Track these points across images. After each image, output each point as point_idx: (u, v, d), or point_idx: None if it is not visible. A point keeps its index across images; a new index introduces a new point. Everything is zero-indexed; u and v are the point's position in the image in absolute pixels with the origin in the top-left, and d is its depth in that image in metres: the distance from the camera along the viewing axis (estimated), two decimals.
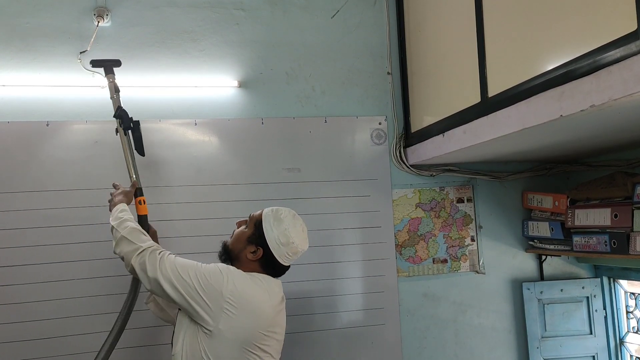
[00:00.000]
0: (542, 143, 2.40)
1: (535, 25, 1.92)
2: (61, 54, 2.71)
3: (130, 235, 1.97)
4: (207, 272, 1.88)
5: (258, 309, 1.89)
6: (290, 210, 2.05)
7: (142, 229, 2.07)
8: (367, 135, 3.04)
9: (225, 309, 1.82)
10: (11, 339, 2.56)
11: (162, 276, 1.85)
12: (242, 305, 1.85)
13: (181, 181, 2.78)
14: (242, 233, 2.02)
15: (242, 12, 2.95)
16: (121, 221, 2.03)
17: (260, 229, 1.97)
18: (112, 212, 2.12)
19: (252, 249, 1.97)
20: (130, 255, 1.93)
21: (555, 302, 3.10)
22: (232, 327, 1.84)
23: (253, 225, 2.00)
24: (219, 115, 2.87)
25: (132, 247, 1.94)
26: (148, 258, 1.90)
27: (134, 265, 1.91)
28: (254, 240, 1.97)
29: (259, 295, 1.91)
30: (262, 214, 2.01)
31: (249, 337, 1.87)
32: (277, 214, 2.00)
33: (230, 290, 1.84)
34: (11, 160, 2.62)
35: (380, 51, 3.11)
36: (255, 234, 1.98)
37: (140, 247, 1.93)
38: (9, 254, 2.58)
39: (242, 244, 1.99)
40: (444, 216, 3.11)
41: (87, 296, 2.64)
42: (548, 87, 1.81)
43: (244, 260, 1.98)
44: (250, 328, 1.87)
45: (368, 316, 2.95)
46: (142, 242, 1.96)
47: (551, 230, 2.96)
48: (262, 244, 1.96)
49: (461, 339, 3.09)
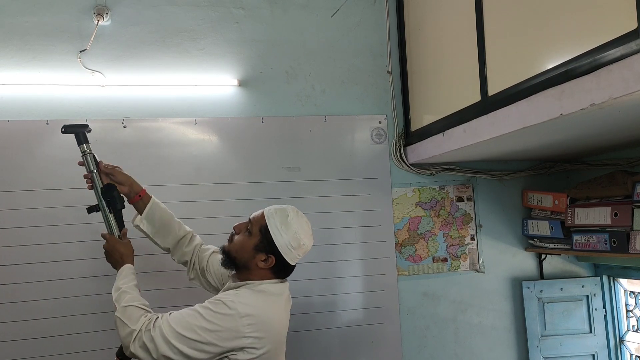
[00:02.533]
0: (542, 142, 2.40)
1: (536, 23, 1.92)
2: (61, 53, 2.71)
3: (124, 315, 1.81)
4: (216, 320, 1.73)
5: (277, 327, 1.83)
6: (293, 208, 1.93)
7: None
8: (367, 134, 3.04)
9: (248, 345, 1.74)
10: (9, 337, 2.56)
11: (169, 351, 1.71)
12: (263, 331, 1.77)
13: (181, 180, 2.78)
14: (247, 241, 1.88)
15: (242, 11, 2.95)
16: (118, 294, 1.90)
17: (269, 236, 1.85)
18: (118, 278, 1.98)
19: (263, 257, 1.85)
20: (125, 341, 1.77)
21: (555, 301, 3.10)
22: (260, 354, 1.77)
23: (258, 232, 1.86)
24: (219, 114, 2.87)
25: (126, 331, 1.77)
26: (145, 339, 1.73)
27: (134, 352, 1.75)
28: (263, 248, 1.85)
29: (275, 313, 1.84)
30: (265, 218, 1.88)
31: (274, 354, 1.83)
32: (284, 217, 1.88)
33: (247, 324, 1.74)
34: (11, 159, 2.62)
35: (380, 50, 3.11)
36: (264, 242, 1.85)
37: (133, 331, 1.76)
38: (8, 252, 2.58)
39: (248, 253, 1.86)
40: (444, 215, 3.11)
41: (87, 295, 2.64)
42: (548, 85, 1.81)
43: (254, 268, 1.87)
44: (274, 346, 1.82)
45: (368, 315, 2.95)
46: (135, 321, 1.79)
47: (551, 229, 2.96)
48: (273, 252, 1.85)
49: (461, 338, 3.09)
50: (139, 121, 2.76)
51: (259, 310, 1.79)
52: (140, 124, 2.77)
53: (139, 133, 2.75)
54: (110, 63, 2.76)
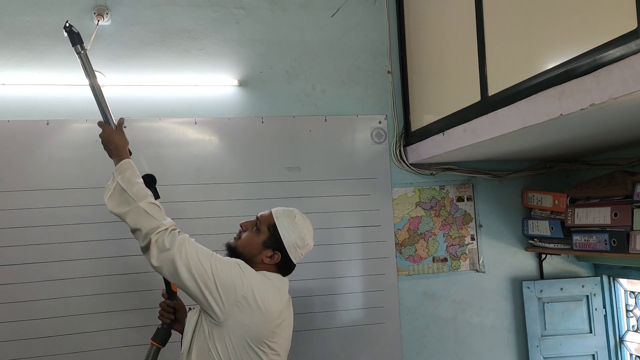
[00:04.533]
0: (542, 142, 2.40)
1: (536, 24, 1.92)
2: (61, 53, 2.70)
3: (150, 209, 1.84)
4: (227, 264, 1.84)
5: (268, 307, 1.87)
6: (298, 211, 2.04)
7: None
8: (367, 134, 3.04)
9: (238, 303, 1.81)
10: (11, 337, 2.56)
11: (180, 260, 1.78)
12: (254, 303, 1.83)
13: (181, 180, 2.78)
14: (255, 237, 1.97)
15: (242, 11, 2.95)
16: (138, 188, 1.88)
17: (276, 234, 1.95)
18: (121, 169, 1.92)
19: (269, 253, 1.95)
20: (150, 231, 1.80)
21: (555, 301, 3.10)
22: (242, 323, 1.82)
23: (266, 229, 1.96)
24: (219, 114, 2.87)
25: (153, 224, 1.81)
26: (168, 238, 1.80)
27: (151, 241, 1.79)
28: (271, 245, 1.95)
29: (270, 294, 1.90)
30: (273, 217, 1.98)
31: (258, 335, 1.85)
32: (291, 218, 1.99)
33: (245, 286, 1.82)
34: (11, 159, 2.63)
35: (380, 50, 3.11)
36: (271, 239, 1.95)
37: (162, 225, 1.82)
38: (8, 252, 2.58)
39: (256, 249, 1.96)
40: (444, 215, 3.11)
41: (88, 295, 2.64)
42: (548, 85, 1.81)
43: (259, 263, 1.95)
44: (259, 325, 1.86)
45: (368, 315, 2.95)
46: (163, 219, 1.85)
47: (551, 229, 2.96)
48: (280, 249, 1.95)
49: (461, 338, 3.09)
50: (139, 121, 2.77)
51: (257, 284, 1.87)
52: (141, 123, 2.77)
53: (140, 133, 2.75)
54: (111, 63, 2.76)
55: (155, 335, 2.08)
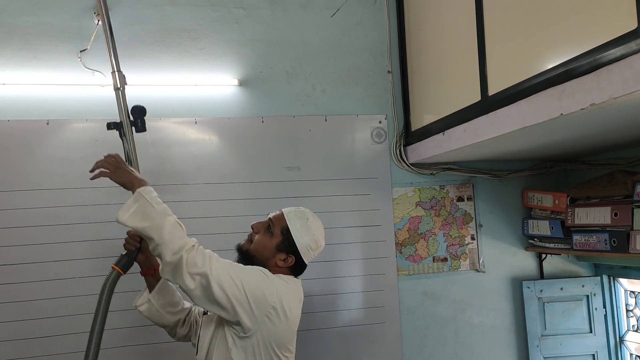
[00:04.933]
0: (542, 141, 2.40)
1: (536, 23, 1.92)
2: (61, 53, 2.71)
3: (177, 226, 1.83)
4: (254, 276, 1.83)
5: (293, 313, 1.89)
6: (309, 211, 2.04)
7: None
8: (367, 133, 3.04)
9: (268, 313, 1.80)
10: (9, 337, 2.56)
11: (212, 277, 1.74)
12: (282, 312, 1.83)
13: (181, 180, 2.78)
14: (268, 241, 1.96)
15: (242, 11, 2.95)
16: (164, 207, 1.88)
17: (290, 237, 1.94)
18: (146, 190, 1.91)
19: (283, 256, 1.95)
20: (180, 248, 1.75)
21: (555, 301, 3.10)
22: (271, 332, 1.82)
23: (280, 232, 1.95)
24: (219, 113, 2.87)
25: (182, 241, 1.78)
26: (198, 256, 1.77)
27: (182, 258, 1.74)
28: (284, 248, 1.95)
29: (293, 299, 1.91)
30: (286, 220, 1.96)
31: (284, 341, 1.87)
32: (304, 220, 1.98)
33: (274, 295, 1.82)
34: (11, 159, 2.62)
35: (380, 49, 3.11)
36: (285, 243, 1.94)
37: (189, 242, 1.80)
38: (8, 252, 2.58)
39: (270, 252, 1.95)
40: (444, 215, 3.11)
41: (87, 295, 2.63)
42: (548, 85, 1.81)
43: (273, 266, 1.94)
44: (285, 332, 1.87)
45: (368, 315, 2.95)
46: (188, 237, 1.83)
47: (551, 228, 2.96)
48: (293, 252, 1.95)
49: (461, 338, 3.09)
50: None
51: (283, 291, 1.86)
52: None
53: (140, 133, 2.75)
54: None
55: (118, 261, 2.03)
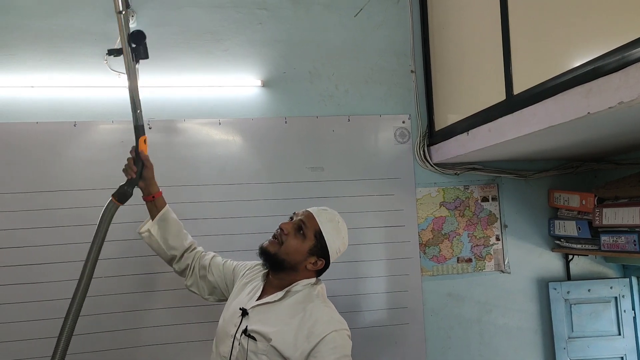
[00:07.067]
0: (568, 141, 2.36)
1: (562, 21, 1.90)
2: (88, 55, 2.75)
3: None
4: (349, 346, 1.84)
5: None
6: (337, 213, 2.05)
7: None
8: (390, 133, 3.03)
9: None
10: (44, 335, 2.61)
11: None
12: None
13: (205, 180, 2.80)
14: (301, 244, 1.93)
15: (265, 12, 2.96)
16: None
17: (323, 241, 1.93)
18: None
19: (313, 260, 1.94)
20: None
21: (582, 303, 3.05)
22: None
23: (313, 236, 1.93)
24: (243, 114, 2.88)
25: None
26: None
27: None
28: (316, 252, 1.94)
29: None
30: (318, 223, 1.94)
31: None
32: (334, 223, 1.98)
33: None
34: (39, 161, 2.67)
35: (403, 49, 3.10)
36: (317, 246, 1.93)
37: None
38: (36, 252, 2.63)
39: (302, 256, 1.92)
40: (469, 215, 3.09)
41: (115, 294, 2.68)
42: (575, 84, 1.78)
43: (302, 270, 1.94)
44: None
45: (392, 315, 2.94)
46: None
47: (578, 229, 2.92)
48: (324, 255, 1.95)
49: (486, 339, 3.06)
50: (164, 122, 2.80)
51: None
52: (165, 125, 2.80)
53: (164, 134, 2.78)
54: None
55: (116, 192, 2.10)
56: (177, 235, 2.21)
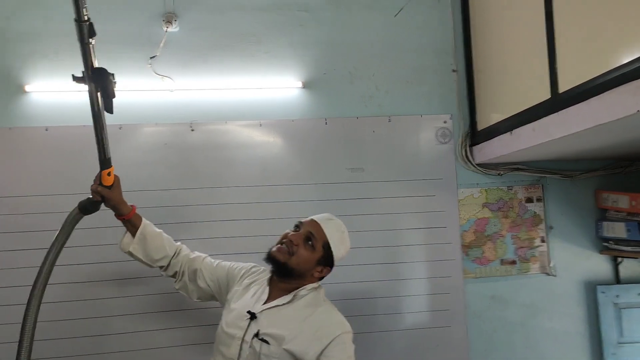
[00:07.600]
0: (616, 140, 2.30)
1: (609, 17, 1.85)
2: (132, 59, 2.81)
3: None
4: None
5: None
6: (341, 222, 2.11)
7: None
8: (431, 134, 3.00)
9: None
10: (90, 333, 2.68)
11: None
12: None
13: (247, 182, 2.83)
14: (311, 255, 1.99)
15: (306, 13, 2.97)
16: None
17: (330, 252, 2.01)
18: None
19: (320, 269, 2.02)
20: None
21: (632, 307, 2.96)
22: None
23: (321, 247, 2.00)
24: (283, 115, 2.90)
25: None
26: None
27: None
28: (324, 262, 2.02)
29: None
30: (326, 235, 2.01)
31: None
32: (340, 233, 2.06)
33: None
34: (86, 163, 2.72)
35: (445, 48, 3.06)
36: (325, 256, 2.01)
37: None
38: (82, 252, 2.69)
39: (311, 266, 1.99)
40: (512, 216, 3.03)
41: (151, 294, 2.73)
42: (623, 81, 1.73)
43: (309, 277, 2.01)
44: None
45: (433, 318, 2.91)
46: None
47: (628, 231, 2.83)
48: (330, 264, 2.04)
49: (531, 343, 3.00)
50: (206, 124, 2.84)
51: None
52: (208, 127, 2.84)
53: (206, 136, 2.83)
54: (179, 68, 2.84)
55: (81, 202, 2.11)
56: (160, 248, 2.19)
